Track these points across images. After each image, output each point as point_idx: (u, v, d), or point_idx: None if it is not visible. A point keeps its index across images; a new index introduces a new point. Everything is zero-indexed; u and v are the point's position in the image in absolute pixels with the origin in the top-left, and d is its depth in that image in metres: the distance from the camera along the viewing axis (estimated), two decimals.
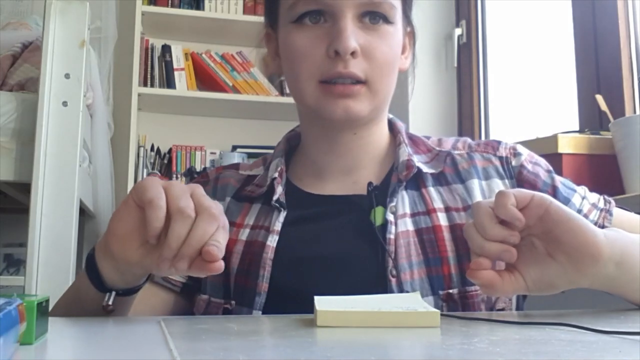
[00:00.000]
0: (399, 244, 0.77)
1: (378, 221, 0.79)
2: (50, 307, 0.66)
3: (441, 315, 0.57)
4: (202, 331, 0.55)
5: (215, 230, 0.59)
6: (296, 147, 0.92)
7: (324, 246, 0.80)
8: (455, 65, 2.48)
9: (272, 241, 0.79)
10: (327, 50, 0.77)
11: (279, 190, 0.83)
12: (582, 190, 0.85)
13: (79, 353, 0.47)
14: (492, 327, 0.56)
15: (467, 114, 2.43)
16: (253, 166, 0.92)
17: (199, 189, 0.62)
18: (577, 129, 1.58)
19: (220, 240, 0.59)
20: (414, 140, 0.88)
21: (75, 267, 1.37)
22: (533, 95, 2.21)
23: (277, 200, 0.82)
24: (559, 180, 0.84)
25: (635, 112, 1.61)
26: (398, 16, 0.81)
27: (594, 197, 0.84)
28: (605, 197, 0.85)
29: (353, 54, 0.76)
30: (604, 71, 1.69)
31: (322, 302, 0.60)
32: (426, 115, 2.41)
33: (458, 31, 2.47)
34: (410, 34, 0.88)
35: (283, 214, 0.81)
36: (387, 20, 0.79)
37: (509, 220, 0.60)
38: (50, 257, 1.32)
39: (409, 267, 0.76)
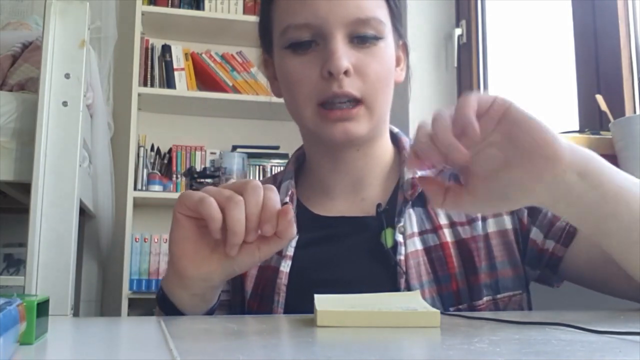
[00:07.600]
0: (409, 264, 0.79)
1: (389, 243, 0.81)
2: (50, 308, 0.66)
3: (441, 314, 0.57)
4: (202, 331, 0.55)
5: (264, 196, 0.63)
6: (303, 164, 0.94)
7: (336, 269, 0.81)
8: (455, 65, 2.48)
9: (285, 266, 0.81)
10: (321, 72, 0.78)
11: None
12: None
13: (79, 353, 0.47)
14: (492, 327, 0.56)
15: None
16: None
17: (225, 184, 0.66)
18: (577, 129, 1.58)
19: (277, 200, 0.63)
20: None
21: (75, 267, 1.37)
22: (533, 96, 2.21)
23: None
24: None
25: (635, 112, 1.61)
26: (387, 30, 0.82)
27: None
28: None
29: (346, 73, 0.77)
30: (604, 71, 1.69)
31: (322, 302, 0.60)
32: (426, 116, 2.40)
33: (458, 31, 2.47)
34: (403, 45, 0.89)
35: (295, 238, 0.83)
36: (376, 37, 0.80)
37: (464, 123, 0.55)
38: (50, 257, 1.32)
39: (420, 287, 0.78)
